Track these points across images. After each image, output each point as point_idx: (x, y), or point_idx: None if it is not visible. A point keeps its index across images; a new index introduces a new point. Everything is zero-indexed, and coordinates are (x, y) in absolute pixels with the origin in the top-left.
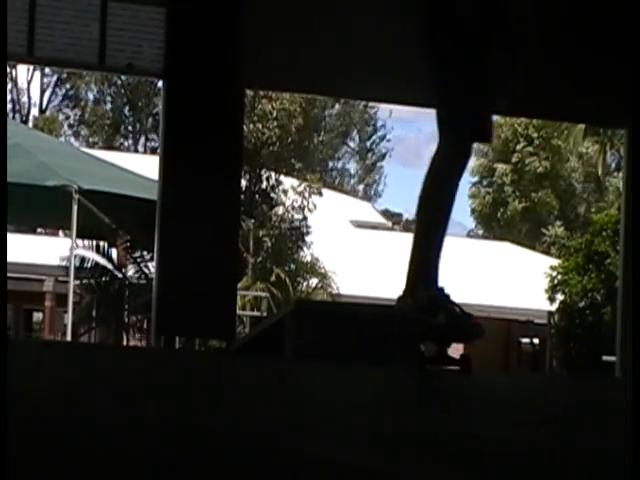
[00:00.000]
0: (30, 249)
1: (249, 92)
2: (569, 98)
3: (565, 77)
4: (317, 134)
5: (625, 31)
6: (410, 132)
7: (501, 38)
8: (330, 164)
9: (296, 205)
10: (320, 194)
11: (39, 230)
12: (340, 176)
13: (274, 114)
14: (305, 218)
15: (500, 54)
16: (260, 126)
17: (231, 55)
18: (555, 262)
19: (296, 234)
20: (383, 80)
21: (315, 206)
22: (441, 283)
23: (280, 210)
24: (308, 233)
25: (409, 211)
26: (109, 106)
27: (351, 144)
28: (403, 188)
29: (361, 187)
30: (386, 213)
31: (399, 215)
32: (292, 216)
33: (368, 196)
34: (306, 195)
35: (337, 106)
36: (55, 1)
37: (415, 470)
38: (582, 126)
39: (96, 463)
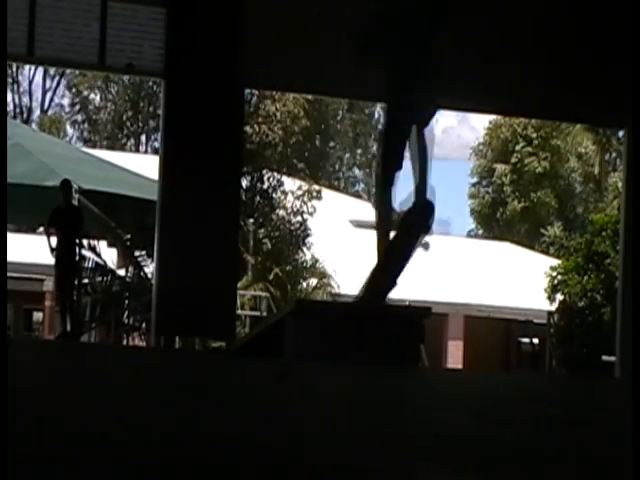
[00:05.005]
0: (30, 249)
1: (253, 93)
2: (569, 98)
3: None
4: (325, 141)
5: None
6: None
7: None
8: (337, 167)
9: (295, 209)
10: (319, 198)
11: (39, 230)
12: (346, 181)
13: (278, 116)
14: (305, 221)
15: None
16: (265, 127)
17: (231, 55)
18: (555, 262)
19: (296, 235)
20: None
21: (315, 209)
22: (440, 283)
23: (281, 212)
24: (308, 235)
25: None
26: (111, 106)
27: (358, 150)
28: (412, 186)
29: (367, 189)
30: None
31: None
32: (292, 219)
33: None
34: (305, 199)
35: (346, 113)
36: (55, 1)
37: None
38: (581, 126)
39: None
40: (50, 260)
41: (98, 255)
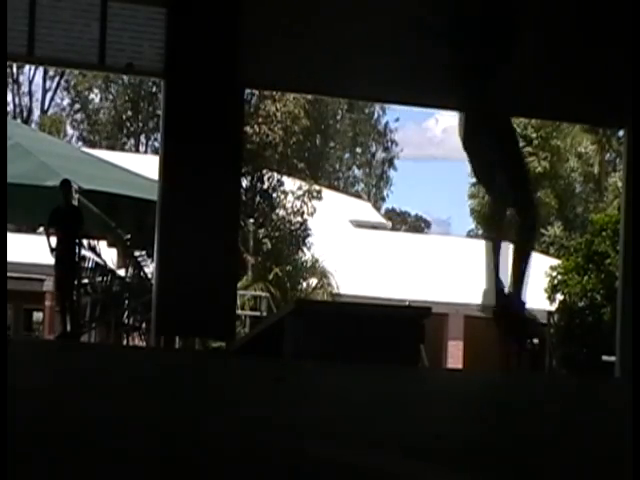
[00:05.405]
0: (30, 249)
1: (253, 93)
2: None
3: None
4: (325, 141)
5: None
6: (419, 129)
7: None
8: (337, 167)
9: (295, 209)
10: (319, 198)
11: (39, 230)
12: (346, 181)
13: (278, 116)
14: (305, 221)
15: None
16: (265, 128)
17: (231, 55)
18: (555, 262)
19: (296, 235)
20: (384, 81)
21: (315, 209)
22: (440, 283)
23: (281, 212)
24: (308, 235)
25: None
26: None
27: (358, 150)
28: (412, 185)
29: (367, 189)
30: (391, 212)
31: (406, 214)
32: (292, 219)
33: (376, 197)
34: (305, 199)
35: (346, 113)
36: (55, 1)
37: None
38: (581, 126)
39: (96, 461)
40: (50, 260)
41: (98, 255)
